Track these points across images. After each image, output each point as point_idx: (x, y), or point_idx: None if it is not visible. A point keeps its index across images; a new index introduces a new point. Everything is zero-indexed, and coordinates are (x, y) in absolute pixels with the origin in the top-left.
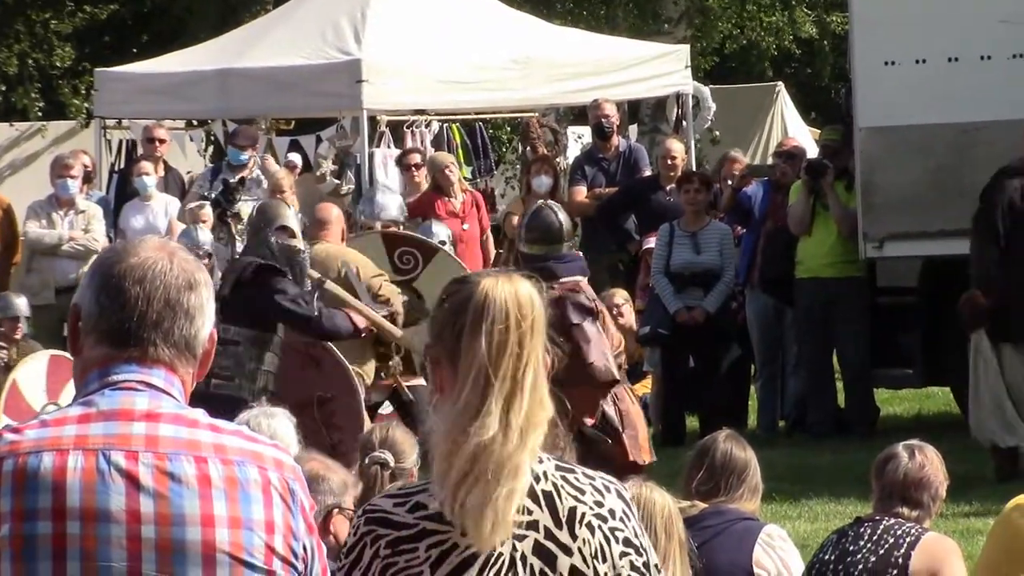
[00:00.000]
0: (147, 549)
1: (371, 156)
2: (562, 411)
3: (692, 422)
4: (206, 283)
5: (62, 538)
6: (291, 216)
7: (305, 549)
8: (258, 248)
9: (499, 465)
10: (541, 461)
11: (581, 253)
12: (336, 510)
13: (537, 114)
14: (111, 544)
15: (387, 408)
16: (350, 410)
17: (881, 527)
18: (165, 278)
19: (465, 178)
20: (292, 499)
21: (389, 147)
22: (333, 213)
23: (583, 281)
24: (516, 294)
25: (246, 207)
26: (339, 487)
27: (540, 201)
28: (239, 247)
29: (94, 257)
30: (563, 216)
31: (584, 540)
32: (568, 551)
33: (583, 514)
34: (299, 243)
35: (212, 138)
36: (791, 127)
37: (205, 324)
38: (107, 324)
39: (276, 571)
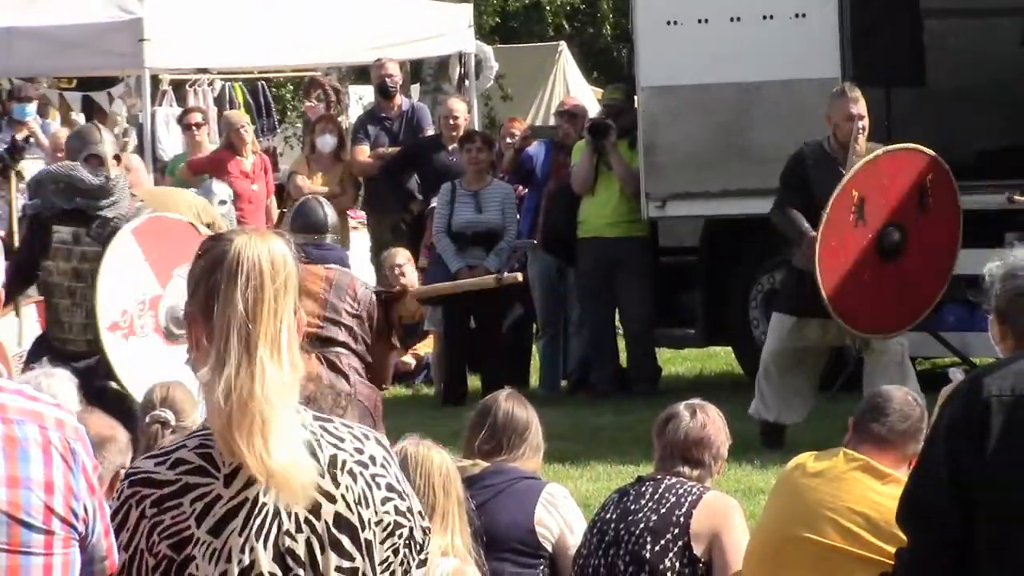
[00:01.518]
0: None
1: (153, 115)
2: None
3: (474, 381)
4: None
5: None
6: (105, 142)
7: (86, 509)
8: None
9: (268, 418)
10: (298, 412)
11: (343, 248)
12: (123, 470)
13: (320, 73)
14: None
15: None
16: None
17: (663, 486)
18: None
19: None
20: (73, 459)
21: (172, 106)
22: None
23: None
24: (269, 252)
25: (31, 164)
26: (125, 448)
27: (308, 195)
28: (18, 205)
29: None
30: (329, 210)
31: (347, 487)
32: (331, 498)
33: (344, 461)
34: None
35: None
36: (573, 87)
37: None
38: None
39: (55, 531)
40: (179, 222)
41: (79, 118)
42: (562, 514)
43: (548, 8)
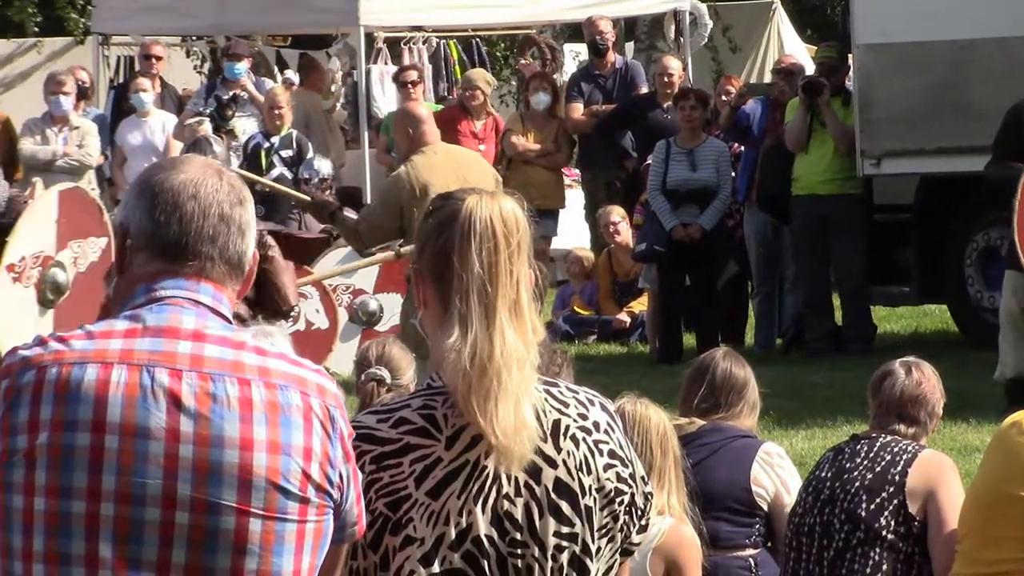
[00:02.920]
0: (183, 468)
1: (368, 73)
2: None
3: (689, 339)
4: (251, 200)
5: (100, 451)
6: None
7: (341, 477)
8: None
9: (504, 382)
10: (532, 376)
11: None
12: None
13: (535, 31)
14: (148, 461)
15: (386, 324)
16: None
17: (878, 444)
18: (218, 194)
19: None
20: (332, 426)
21: (386, 64)
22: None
23: None
24: (501, 212)
25: (240, 123)
26: None
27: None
28: (234, 164)
29: (139, 175)
30: None
31: (568, 452)
32: (553, 463)
33: (567, 426)
34: None
35: (209, 54)
36: (788, 44)
37: (252, 241)
38: (162, 240)
39: (311, 498)
40: (95, 202)
41: (294, 77)
42: (778, 473)
43: None
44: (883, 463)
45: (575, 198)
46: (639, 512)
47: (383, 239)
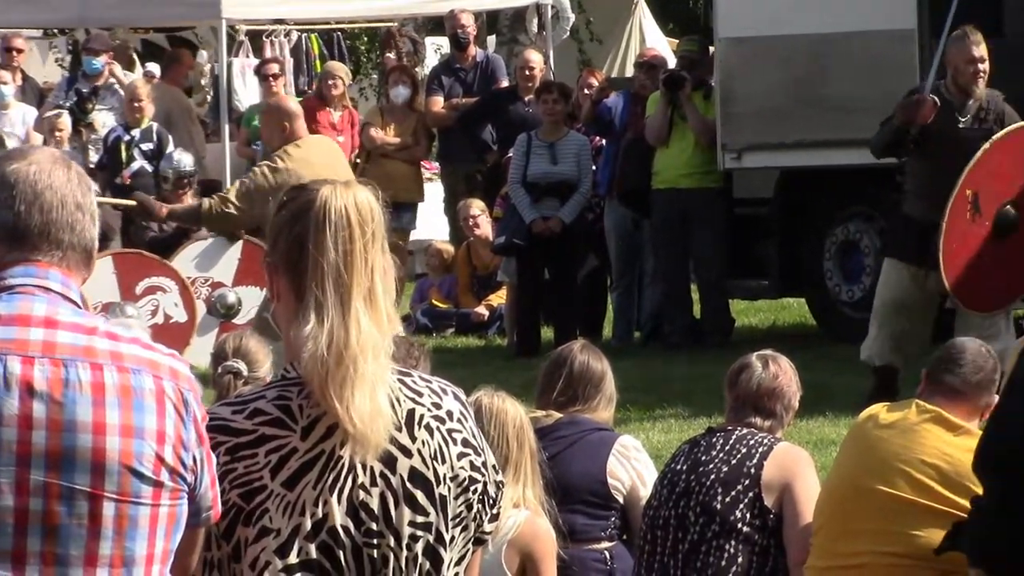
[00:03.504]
0: (36, 455)
1: (230, 66)
2: None
3: (547, 333)
4: (95, 190)
5: None
6: None
7: (195, 460)
8: None
9: (361, 370)
10: (386, 365)
11: None
12: None
13: (396, 24)
14: (1, 449)
15: (244, 317)
16: None
17: (734, 437)
18: (71, 183)
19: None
20: (185, 409)
21: (248, 57)
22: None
23: None
24: (356, 201)
25: (100, 116)
26: None
27: None
28: (92, 157)
29: None
30: None
31: (423, 441)
32: (408, 453)
33: (421, 415)
34: None
35: (70, 47)
36: (650, 38)
37: (98, 228)
38: (23, 230)
39: (164, 481)
40: None
41: (155, 70)
42: (634, 466)
43: None
44: (739, 456)
45: (435, 191)
46: (491, 501)
47: (256, 224)
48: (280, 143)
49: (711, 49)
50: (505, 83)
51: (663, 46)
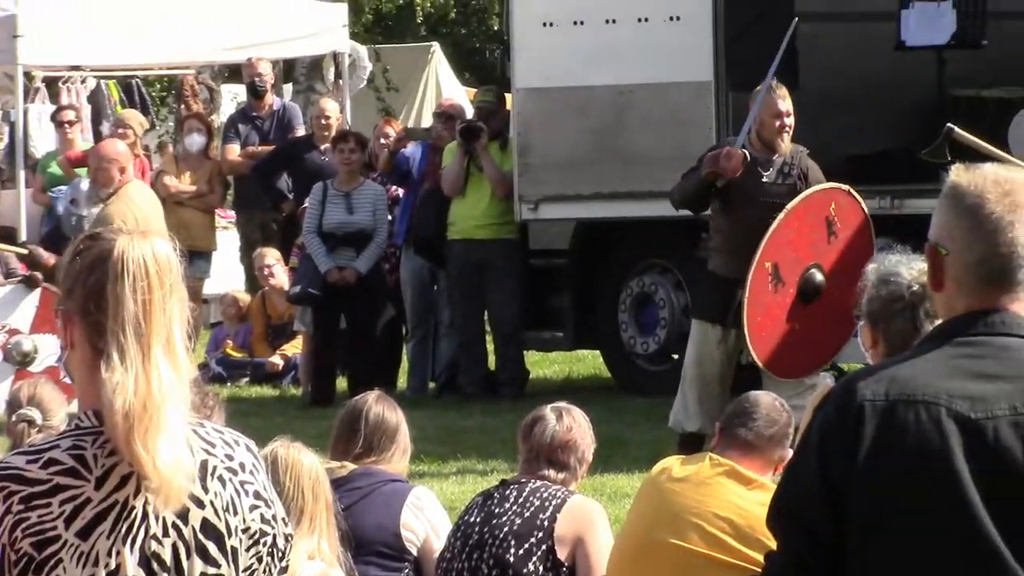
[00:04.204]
0: None
1: (26, 112)
2: None
3: (342, 383)
4: None
5: None
6: None
7: None
8: None
9: (162, 419)
10: (185, 415)
11: None
12: None
13: (193, 71)
14: None
15: (40, 365)
16: None
17: (527, 489)
18: None
19: None
20: None
21: (44, 103)
22: None
23: None
24: (154, 252)
25: None
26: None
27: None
28: None
29: None
30: None
31: (216, 493)
32: (200, 504)
33: (214, 467)
34: None
35: None
36: (447, 87)
37: None
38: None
39: None
40: None
41: None
42: (428, 517)
43: (420, 8)
44: (532, 508)
45: (230, 240)
46: (280, 554)
47: None
48: (117, 185)
49: (508, 99)
50: (301, 132)
51: (460, 96)
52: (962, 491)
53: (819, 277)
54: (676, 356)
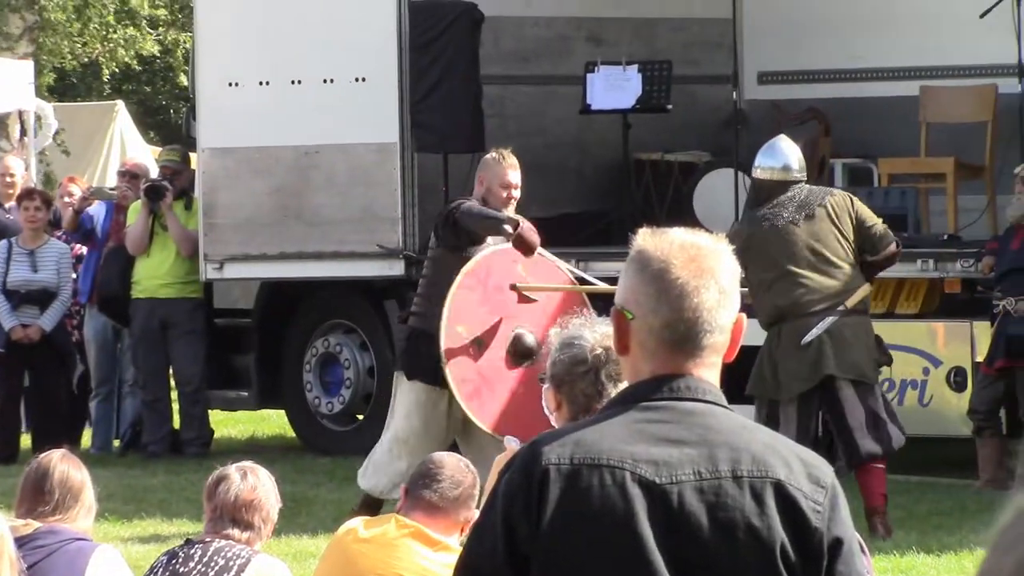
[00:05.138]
0: None
1: None
2: None
3: (26, 440)
4: None
5: None
6: None
7: None
8: None
9: None
10: None
11: None
12: None
13: None
14: None
15: None
16: None
17: (212, 548)
18: None
19: None
20: None
21: None
22: None
23: None
24: None
25: None
26: None
27: None
28: None
29: None
30: None
31: None
32: None
33: None
34: None
35: None
36: (131, 146)
37: None
38: None
39: None
40: None
41: None
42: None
43: (105, 67)
44: (216, 568)
45: None
46: None
47: None
48: None
49: (193, 158)
50: None
51: (145, 155)
52: (646, 556)
53: (529, 339)
54: (360, 416)
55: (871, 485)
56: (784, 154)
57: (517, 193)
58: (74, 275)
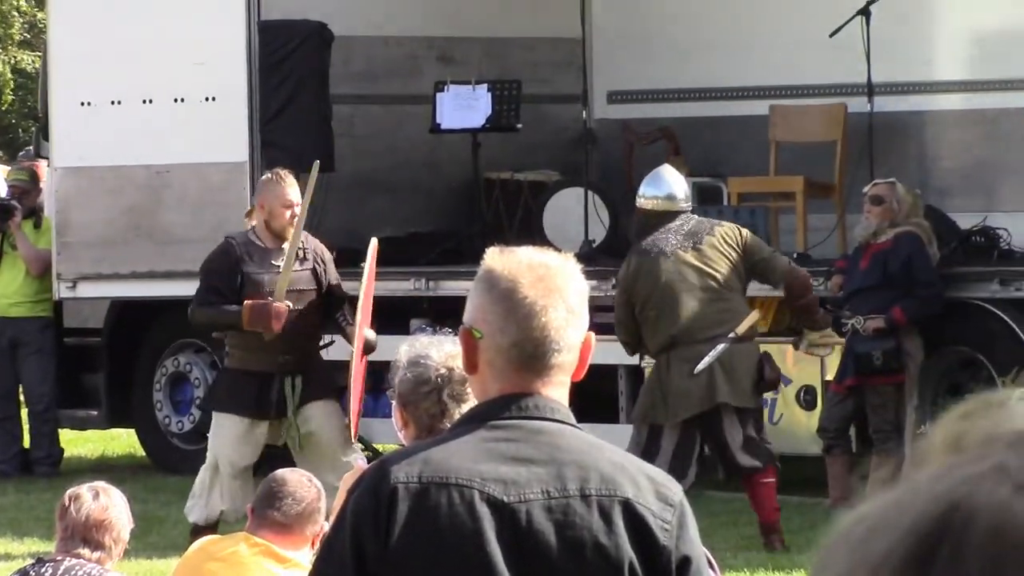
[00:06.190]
0: None
1: None
2: None
3: None
4: None
5: None
6: None
7: None
8: None
9: None
10: None
11: None
12: None
13: None
14: None
15: None
16: None
17: (62, 568)
18: None
19: None
20: None
21: None
22: None
23: None
24: None
25: None
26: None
27: None
28: None
29: None
30: None
31: None
32: None
33: None
34: None
35: None
36: None
37: None
38: None
39: None
40: None
41: None
42: None
43: None
44: None
45: None
46: None
47: None
48: None
49: (43, 178)
50: None
51: None
52: (495, 575)
53: (372, 335)
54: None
55: (762, 500)
56: (668, 183)
57: (299, 211)
58: None
